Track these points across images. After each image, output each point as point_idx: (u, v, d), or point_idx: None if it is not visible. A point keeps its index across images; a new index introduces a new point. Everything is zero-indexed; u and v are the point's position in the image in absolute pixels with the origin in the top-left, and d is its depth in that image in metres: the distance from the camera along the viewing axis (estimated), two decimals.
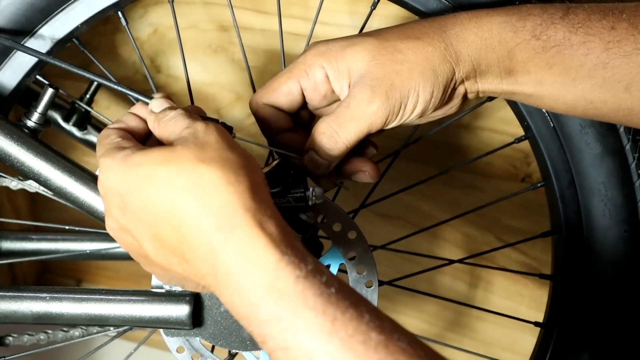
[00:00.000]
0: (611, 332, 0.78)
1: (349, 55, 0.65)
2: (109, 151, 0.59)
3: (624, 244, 0.76)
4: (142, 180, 0.56)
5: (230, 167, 0.55)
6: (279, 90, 0.68)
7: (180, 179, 0.54)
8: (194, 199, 0.54)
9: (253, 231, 0.52)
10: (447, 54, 0.64)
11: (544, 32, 0.62)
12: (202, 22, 1.23)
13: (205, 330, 0.75)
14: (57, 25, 0.74)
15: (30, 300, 0.73)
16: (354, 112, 0.65)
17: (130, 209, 0.57)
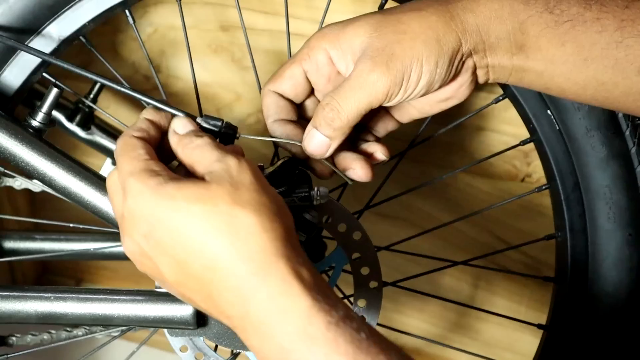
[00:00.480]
0: (614, 334, 0.78)
1: (350, 32, 0.64)
2: (139, 173, 0.57)
3: (628, 248, 0.76)
4: (175, 215, 0.55)
5: (265, 212, 0.54)
6: (283, 75, 0.68)
7: (216, 221, 0.54)
8: (229, 243, 0.53)
9: (287, 278, 0.52)
10: (453, 24, 0.61)
11: (557, 6, 0.60)
12: (202, 22, 1.23)
13: (209, 330, 0.75)
14: (64, 23, 0.73)
15: (35, 300, 0.72)
16: (353, 83, 0.62)
17: (158, 240, 0.56)
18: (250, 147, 1.26)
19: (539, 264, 1.21)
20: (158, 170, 0.58)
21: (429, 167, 1.22)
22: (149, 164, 0.58)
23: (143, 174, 0.57)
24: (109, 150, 0.96)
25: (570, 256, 0.79)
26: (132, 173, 0.57)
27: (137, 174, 0.57)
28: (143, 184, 0.56)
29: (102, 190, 0.72)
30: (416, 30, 0.61)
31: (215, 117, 0.68)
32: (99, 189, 0.72)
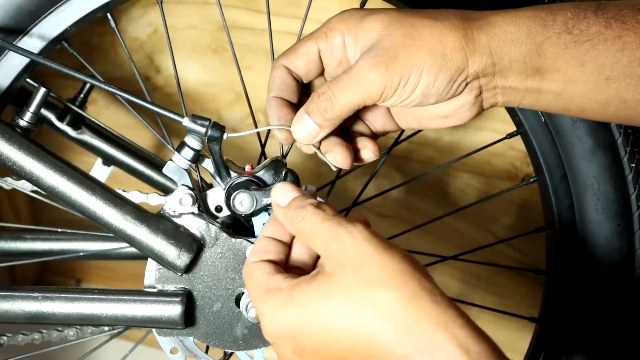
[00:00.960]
0: (604, 325, 0.78)
1: (366, 24, 0.63)
2: (263, 297, 0.58)
3: (617, 238, 0.75)
4: (314, 320, 0.55)
5: (400, 282, 0.53)
6: (298, 50, 0.66)
7: (355, 310, 0.53)
8: (378, 327, 0.52)
9: (452, 349, 0.51)
10: (464, 42, 0.59)
11: (576, 27, 0.58)
12: (202, 22, 1.23)
13: (197, 329, 0.75)
14: (46, 27, 0.73)
15: (23, 299, 0.73)
16: (352, 77, 0.61)
17: (309, 350, 0.56)
18: (239, 138, 1.26)
19: (538, 262, 1.20)
20: (278, 285, 0.58)
21: (425, 166, 1.22)
22: (269, 283, 0.59)
23: (266, 296, 0.58)
24: (99, 149, 0.97)
25: (560, 248, 0.78)
26: (257, 299, 0.59)
27: (262, 299, 0.58)
28: (269, 306, 0.57)
29: (88, 190, 0.72)
30: (425, 39, 0.60)
31: (202, 117, 0.68)
32: (86, 188, 0.72)
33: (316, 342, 0.56)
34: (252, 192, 0.71)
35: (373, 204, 1.27)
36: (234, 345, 0.75)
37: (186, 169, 0.72)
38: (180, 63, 1.27)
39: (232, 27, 1.22)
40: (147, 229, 0.72)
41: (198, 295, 0.74)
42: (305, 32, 0.81)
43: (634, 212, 0.75)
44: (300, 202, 0.62)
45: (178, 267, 0.72)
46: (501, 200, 1.21)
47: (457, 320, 0.52)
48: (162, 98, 1.28)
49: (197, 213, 0.73)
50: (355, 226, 0.57)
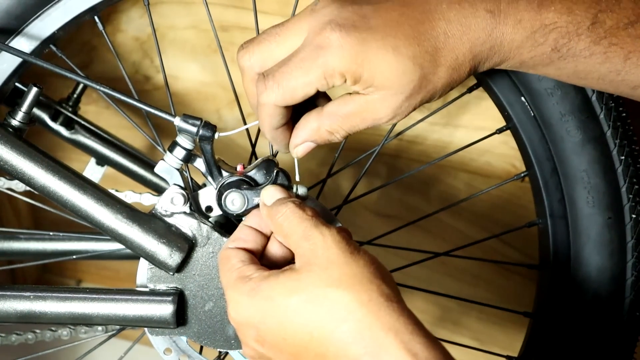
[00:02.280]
0: (599, 318, 0.78)
1: (379, 76, 0.59)
2: (234, 283, 0.61)
3: (609, 231, 0.76)
4: (276, 313, 0.57)
5: (360, 285, 0.56)
6: (295, 94, 0.61)
7: (314, 308, 0.56)
8: (334, 327, 0.55)
9: (400, 353, 0.53)
10: (467, 77, 0.62)
11: (565, 45, 0.59)
12: (202, 22, 1.23)
13: (189, 329, 0.74)
14: (34, 30, 0.73)
15: (14, 299, 0.73)
16: (367, 122, 0.62)
17: (269, 341, 0.59)
18: (230, 139, 1.27)
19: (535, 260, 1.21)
20: (250, 275, 0.61)
21: (419, 165, 1.22)
22: (241, 271, 0.61)
23: (236, 283, 0.60)
24: (93, 149, 0.97)
25: (552, 242, 0.79)
26: (228, 285, 0.61)
27: (232, 285, 0.61)
28: (238, 293, 0.60)
29: (80, 189, 0.72)
30: (440, 88, 0.61)
31: (193, 117, 0.68)
32: (78, 188, 0.72)
33: (276, 334, 0.58)
34: (244, 192, 0.71)
35: (372, 203, 1.27)
36: (226, 345, 0.75)
37: (178, 168, 0.72)
38: (180, 63, 1.27)
39: (233, 27, 1.22)
40: (139, 228, 0.72)
41: (190, 294, 0.74)
42: None
43: (624, 205, 0.75)
44: (283, 200, 0.64)
45: (169, 267, 0.72)
46: (499, 199, 1.21)
47: (409, 327, 0.54)
48: (163, 98, 1.28)
49: (189, 212, 0.73)
50: (329, 229, 0.60)
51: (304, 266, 0.58)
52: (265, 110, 0.62)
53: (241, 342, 0.63)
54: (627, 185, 0.74)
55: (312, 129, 0.63)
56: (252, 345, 0.61)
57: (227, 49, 1.23)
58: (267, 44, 0.62)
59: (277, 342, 0.58)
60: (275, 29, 0.62)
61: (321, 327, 0.55)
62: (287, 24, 0.61)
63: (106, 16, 1.25)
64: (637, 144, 0.75)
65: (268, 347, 0.59)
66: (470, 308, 1.31)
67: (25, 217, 1.43)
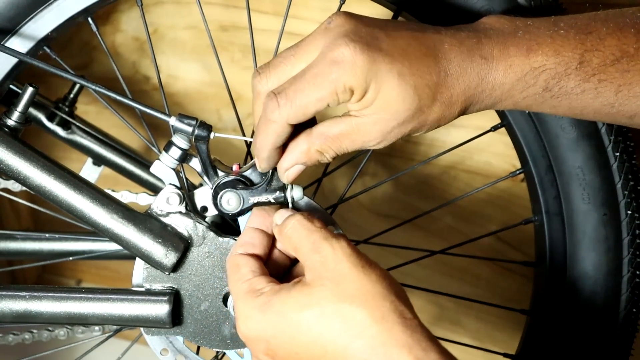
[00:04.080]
0: (595, 314, 0.78)
1: (381, 98, 0.59)
2: (244, 296, 0.61)
3: (605, 228, 0.76)
4: (288, 328, 0.58)
5: (373, 302, 0.56)
6: (307, 111, 0.60)
7: (328, 323, 0.56)
8: (348, 342, 0.56)
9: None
10: (458, 116, 0.62)
11: (557, 85, 0.60)
12: (202, 22, 1.23)
13: (185, 329, 0.74)
14: (27, 32, 0.73)
15: (10, 299, 0.73)
16: (356, 145, 0.62)
17: (281, 355, 0.59)
18: (226, 141, 1.27)
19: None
20: (261, 289, 0.61)
21: (414, 164, 1.22)
22: (252, 283, 0.61)
23: (247, 297, 0.60)
24: (89, 149, 0.97)
25: (548, 239, 0.79)
26: (238, 297, 0.61)
27: (242, 297, 0.61)
28: (249, 307, 0.60)
29: (76, 189, 0.72)
30: (430, 122, 0.61)
31: (189, 117, 0.68)
32: (74, 187, 0.72)
33: (288, 349, 0.58)
34: (239, 192, 0.70)
35: (370, 202, 1.27)
36: (222, 345, 0.75)
37: (174, 168, 0.72)
38: (180, 63, 1.27)
39: (233, 27, 1.22)
40: (134, 228, 0.72)
41: (185, 294, 0.74)
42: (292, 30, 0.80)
43: (620, 201, 0.75)
44: (290, 212, 0.65)
45: (165, 266, 0.72)
46: (498, 198, 1.21)
47: (422, 344, 0.55)
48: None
49: (185, 212, 0.73)
50: (339, 241, 0.60)
51: (316, 280, 0.58)
52: (274, 128, 0.61)
53: (251, 354, 0.63)
54: (622, 181, 0.74)
55: (302, 151, 0.63)
56: (262, 358, 0.61)
57: (227, 49, 1.24)
58: (282, 67, 0.61)
59: (289, 356, 0.59)
60: (290, 51, 0.62)
61: (335, 343, 0.56)
62: (301, 44, 0.61)
63: (106, 16, 1.25)
64: (632, 140, 0.75)
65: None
66: (469, 307, 1.30)
67: (25, 217, 1.44)
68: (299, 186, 0.70)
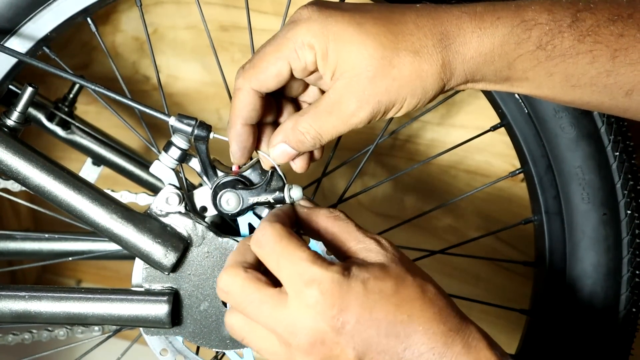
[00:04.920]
0: (595, 314, 0.78)
1: (343, 52, 0.60)
2: (317, 261, 0.58)
3: (604, 227, 0.76)
4: (374, 294, 0.57)
5: (432, 281, 0.60)
6: (268, 72, 0.62)
7: (408, 293, 0.58)
8: (427, 307, 0.57)
9: (478, 334, 0.59)
10: (442, 72, 0.60)
11: (550, 42, 0.59)
12: (202, 22, 1.23)
13: (184, 329, 0.74)
14: (27, 32, 0.73)
15: (9, 299, 0.72)
16: (335, 120, 0.62)
17: (349, 327, 0.57)
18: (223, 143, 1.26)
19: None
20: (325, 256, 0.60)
21: (427, 167, 1.21)
22: (317, 252, 0.60)
23: (322, 262, 0.58)
24: (89, 149, 0.97)
25: (548, 239, 0.79)
26: (312, 261, 0.58)
27: (317, 261, 0.58)
28: (328, 270, 0.57)
29: (75, 189, 0.72)
30: (405, 78, 0.60)
31: (188, 117, 0.68)
32: (73, 188, 0.72)
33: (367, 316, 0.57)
34: (239, 192, 0.70)
35: (370, 202, 1.27)
36: (221, 345, 0.75)
37: (173, 168, 0.72)
38: (180, 63, 1.27)
39: (233, 27, 1.22)
40: (134, 228, 0.72)
41: (185, 294, 0.73)
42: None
43: (619, 201, 0.75)
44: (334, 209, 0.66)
45: (164, 266, 0.72)
46: (498, 198, 1.21)
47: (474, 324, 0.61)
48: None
49: (184, 212, 0.73)
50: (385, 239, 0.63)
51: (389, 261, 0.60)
52: (239, 97, 0.64)
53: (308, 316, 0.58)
54: (621, 181, 0.74)
55: (288, 128, 0.64)
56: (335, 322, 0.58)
57: (227, 49, 1.24)
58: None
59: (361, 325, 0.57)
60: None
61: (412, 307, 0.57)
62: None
63: (106, 16, 1.25)
64: (631, 140, 0.75)
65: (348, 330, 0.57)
66: (470, 307, 1.30)
67: (24, 217, 1.44)
68: (299, 186, 0.70)
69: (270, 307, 0.58)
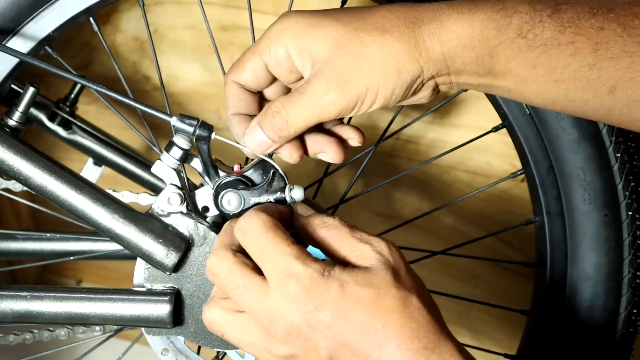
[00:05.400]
0: (596, 315, 0.78)
1: (312, 38, 0.62)
2: (301, 256, 0.59)
3: (605, 228, 0.76)
4: (351, 298, 0.57)
5: (424, 295, 0.59)
6: (243, 66, 0.66)
7: (389, 303, 0.57)
8: (404, 322, 0.56)
9: (456, 354, 0.56)
10: (416, 52, 0.60)
11: (530, 31, 0.58)
12: (202, 22, 1.22)
13: (186, 329, 0.74)
14: (29, 32, 0.74)
15: (11, 299, 0.73)
16: (306, 99, 0.62)
17: (327, 322, 0.57)
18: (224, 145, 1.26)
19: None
20: (311, 254, 0.60)
21: (428, 167, 1.21)
22: (303, 247, 0.60)
23: (306, 258, 0.59)
24: (90, 149, 0.97)
25: (549, 240, 0.79)
26: (295, 256, 0.59)
27: (301, 257, 0.59)
28: (309, 267, 0.58)
29: (77, 189, 0.72)
30: (376, 57, 0.60)
31: (190, 117, 0.68)
32: (75, 187, 0.72)
33: (339, 319, 0.57)
34: (240, 192, 0.70)
35: (371, 203, 1.27)
36: (223, 345, 0.75)
37: (175, 168, 0.72)
38: (180, 63, 1.27)
39: (233, 27, 1.22)
40: (136, 228, 0.72)
41: (187, 294, 0.74)
42: None
43: (621, 202, 0.75)
44: (326, 215, 0.65)
45: (166, 266, 0.72)
46: (498, 198, 1.21)
47: (454, 338, 0.58)
48: (163, 98, 1.29)
49: (186, 212, 0.73)
50: (392, 243, 0.62)
51: (378, 266, 0.59)
52: (225, 89, 0.68)
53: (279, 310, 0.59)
54: (623, 182, 0.74)
55: (263, 112, 0.65)
56: (306, 317, 0.58)
57: (226, 49, 1.24)
58: None
59: (335, 325, 0.57)
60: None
61: (392, 320, 0.57)
62: None
63: (106, 16, 1.25)
64: (632, 141, 0.75)
65: (322, 327, 0.57)
66: (470, 307, 1.31)
67: (25, 217, 1.44)
68: (300, 187, 0.70)
69: (254, 294, 0.59)
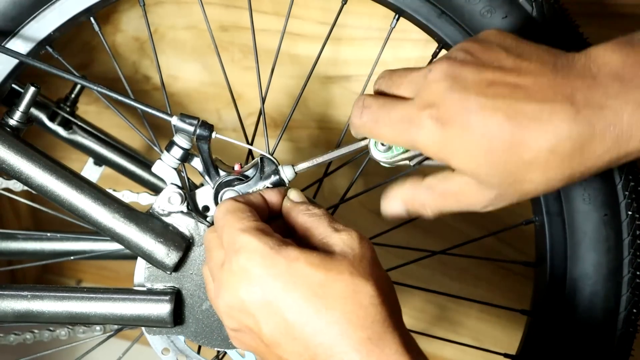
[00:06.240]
0: (595, 315, 0.77)
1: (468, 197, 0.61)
2: (255, 232, 0.58)
3: (605, 228, 0.75)
4: (296, 278, 0.56)
5: (382, 286, 0.56)
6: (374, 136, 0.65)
7: (338, 288, 0.55)
8: (350, 310, 0.55)
9: (400, 350, 0.54)
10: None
11: None
12: (202, 22, 1.23)
13: (186, 328, 0.74)
14: (29, 32, 0.74)
15: (11, 298, 0.73)
16: (459, 203, 0.61)
17: (270, 299, 0.56)
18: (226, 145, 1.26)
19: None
20: (272, 232, 0.59)
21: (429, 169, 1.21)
22: (262, 225, 0.60)
23: (258, 233, 0.58)
24: (91, 149, 0.97)
25: (549, 240, 0.78)
26: (246, 230, 0.59)
27: (252, 231, 0.59)
28: (259, 241, 0.58)
29: (77, 189, 0.72)
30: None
31: (191, 116, 0.69)
32: (75, 187, 0.72)
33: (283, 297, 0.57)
34: (237, 187, 0.71)
35: (371, 202, 1.27)
36: (223, 344, 0.75)
37: (175, 168, 0.72)
38: (180, 63, 1.27)
39: (234, 27, 1.21)
40: (136, 227, 0.72)
41: (187, 293, 0.74)
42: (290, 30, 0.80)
43: (620, 202, 0.75)
44: (313, 203, 0.66)
45: (167, 266, 0.72)
46: None
47: (408, 335, 0.57)
48: (163, 98, 1.28)
49: (186, 212, 0.73)
50: (364, 236, 0.61)
51: (339, 251, 0.58)
52: (353, 129, 0.64)
53: (223, 286, 0.59)
54: (622, 182, 0.74)
55: (407, 198, 0.63)
56: (241, 294, 0.58)
57: (227, 49, 1.24)
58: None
59: (278, 303, 0.56)
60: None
61: (338, 306, 0.55)
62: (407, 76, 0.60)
63: (106, 16, 1.25)
64: None
65: (262, 303, 0.57)
66: (470, 307, 1.31)
67: (25, 217, 1.44)
68: (289, 165, 0.70)
69: (216, 267, 0.61)
